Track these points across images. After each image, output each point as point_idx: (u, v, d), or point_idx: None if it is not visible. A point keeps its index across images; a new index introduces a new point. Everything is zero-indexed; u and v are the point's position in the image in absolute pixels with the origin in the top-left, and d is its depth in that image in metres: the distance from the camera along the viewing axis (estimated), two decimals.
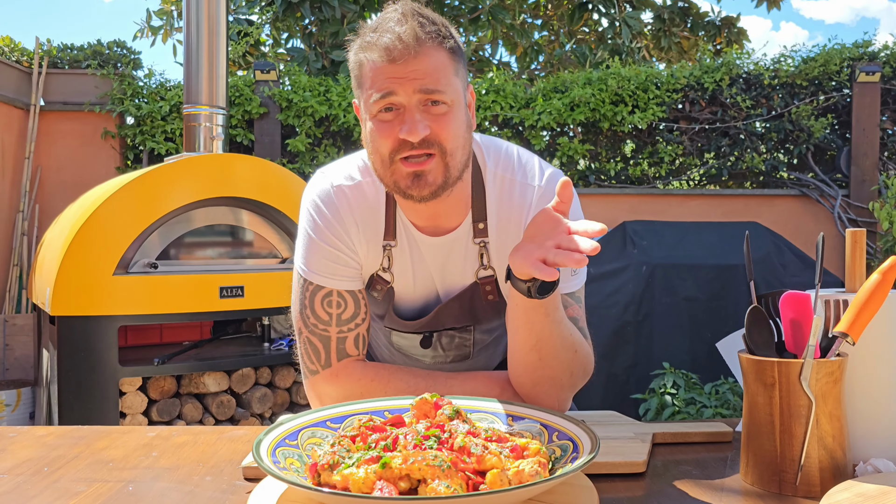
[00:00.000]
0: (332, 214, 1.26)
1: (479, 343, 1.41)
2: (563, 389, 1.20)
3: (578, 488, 0.87)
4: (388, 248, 1.28)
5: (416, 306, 1.35)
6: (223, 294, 3.04)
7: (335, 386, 1.24)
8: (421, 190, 1.15)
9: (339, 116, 4.99)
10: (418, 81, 1.11)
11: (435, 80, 1.12)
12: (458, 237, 1.28)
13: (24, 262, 4.74)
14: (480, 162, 1.29)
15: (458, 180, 1.19)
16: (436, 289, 1.33)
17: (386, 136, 1.14)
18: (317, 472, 0.81)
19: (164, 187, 2.99)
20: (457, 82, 1.16)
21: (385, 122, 1.14)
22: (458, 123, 1.16)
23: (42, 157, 4.98)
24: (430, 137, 1.13)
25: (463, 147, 1.18)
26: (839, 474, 0.90)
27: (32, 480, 0.97)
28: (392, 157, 1.14)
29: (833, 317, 0.99)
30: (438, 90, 1.12)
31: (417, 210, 1.26)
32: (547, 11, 8.19)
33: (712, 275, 4.06)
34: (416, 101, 1.12)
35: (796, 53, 5.44)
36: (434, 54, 1.13)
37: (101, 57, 5.15)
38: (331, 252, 1.25)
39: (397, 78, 1.12)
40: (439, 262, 1.30)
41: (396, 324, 1.37)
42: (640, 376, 3.97)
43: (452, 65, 1.16)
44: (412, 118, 1.12)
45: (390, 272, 1.30)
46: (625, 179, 5.37)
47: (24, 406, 4.01)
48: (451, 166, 1.15)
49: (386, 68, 1.12)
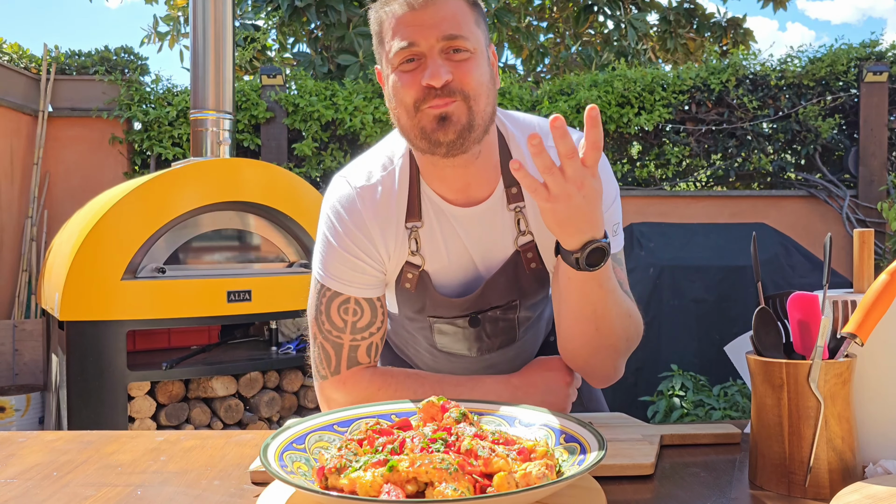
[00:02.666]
0: (354, 220, 1.23)
1: (523, 322, 1.36)
2: (619, 356, 1.19)
3: (586, 490, 0.87)
4: (415, 230, 1.25)
5: (456, 284, 1.31)
6: (231, 298, 3.05)
7: (342, 393, 1.24)
8: (447, 133, 1.13)
9: (346, 120, 5.00)
10: (439, 28, 1.11)
11: (456, 25, 1.12)
12: (492, 205, 1.25)
13: (32, 268, 4.77)
14: (504, 131, 1.28)
15: (483, 131, 1.17)
16: (474, 264, 1.29)
17: (409, 86, 1.13)
18: (324, 476, 0.81)
19: (172, 192, 3.01)
20: (478, 32, 1.16)
21: (407, 72, 1.14)
22: (481, 71, 1.15)
23: (50, 163, 5.01)
24: (453, 84, 1.12)
25: (486, 95, 1.16)
26: (848, 476, 0.90)
27: (42, 485, 0.98)
28: (417, 107, 1.13)
29: (841, 317, 0.98)
30: (461, 35, 1.12)
31: (447, 180, 1.23)
32: (552, 14, 8.19)
33: (720, 276, 4.05)
34: (439, 49, 1.12)
35: (803, 54, 5.43)
36: (453, 2, 1.13)
37: (109, 63, 5.17)
38: (350, 259, 1.23)
39: (418, 26, 1.11)
40: (475, 235, 1.26)
41: (439, 307, 1.31)
42: (648, 378, 3.96)
43: (473, 15, 1.16)
44: (435, 63, 1.11)
45: (419, 255, 1.26)
46: (631, 181, 5.36)
47: (33, 411, 4.03)
48: (474, 111, 1.14)
49: (406, 17, 1.12)
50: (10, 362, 4.41)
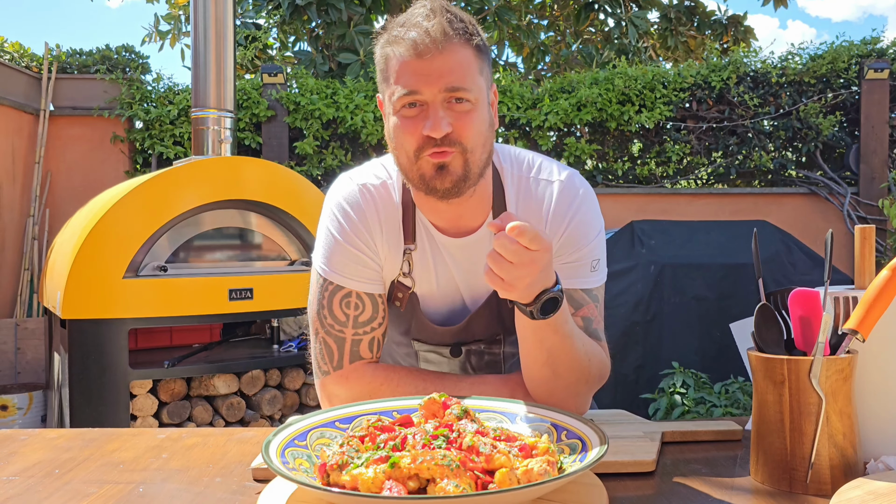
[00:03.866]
0: (358, 216, 1.26)
1: (508, 358, 1.38)
2: (578, 396, 1.20)
3: (588, 487, 0.87)
4: (408, 251, 1.28)
5: (443, 312, 1.34)
6: (232, 296, 3.05)
7: (344, 388, 1.24)
8: (443, 181, 1.15)
9: (347, 119, 5.00)
10: (444, 79, 1.12)
11: (460, 77, 1.13)
12: (481, 237, 1.28)
13: (34, 267, 4.77)
14: (498, 164, 1.30)
15: (479, 177, 1.19)
16: (460, 293, 1.32)
17: (410, 133, 1.15)
18: (326, 473, 0.81)
19: (173, 191, 3.01)
20: (481, 81, 1.17)
21: (409, 118, 1.15)
22: (480, 122, 1.17)
23: (52, 162, 5.01)
24: (452, 136, 1.14)
25: (483, 145, 1.18)
26: (850, 472, 0.90)
27: (44, 483, 0.98)
28: (417, 154, 1.15)
29: (843, 314, 0.98)
30: (463, 88, 1.13)
31: (439, 211, 1.26)
32: (553, 12, 8.18)
33: (721, 274, 4.04)
34: (441, 99, 1.13)
35: (804, 51, 5.42)
36: (460, 51, 1.14)
37: (110, 62, 5.17)
38: (354, 253, 1.25)
39: (423, 75, 1.12)
40: (463, 265, 1.29)
41: (425, 332, 1.34)
42: (650, 376, 3.96)
43: (478, 63, 1.17)
44: (436, 115, 1.12)
45: (410, 277, 1.29)
46: (632, 179, 5.36)
47: (35, 409, 4.03)
48: (470, 162, 1.16)
49: (412, 63, 1.13)
50: (12, 361, 4.41)
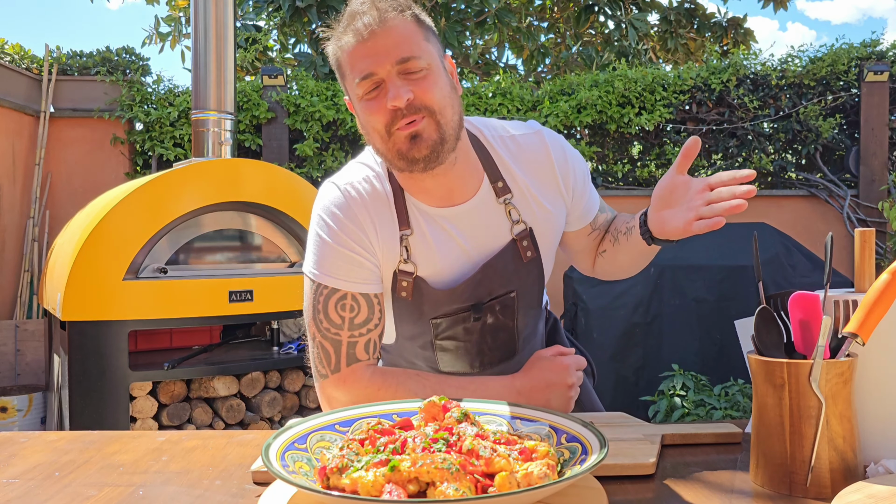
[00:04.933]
0: (347, 216, 1.27)
1: (521, 331, 1.39)
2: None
3: (587, 490, 0.87)
4: (405, 237, 1.29)
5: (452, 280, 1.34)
6: (232, 298, 3.05)
7: (343, 391, 1.24)
8: (420, 149, 1.19)
9: (347, 120, 5.00)
10: (391, 53, 1.17)
11: (407, 47, 1.18)
12: (482, 200, 1.30)
13: (34, 268, 4.77)
14: (474, 131, 1.34)
15: (455, 140, 1.23)
16: (470, 257, 1.32)
17: (377, 112, 1.19)
18: (326, 476, 0.81)
19: (173, 192, 3.01)
20: (428, 47, 1.21)
21: (372, 99, 1.20)
22: (440, 84, 1.21)
23: (52, 164, 5.01)
24: (416, 101, 1.18)
25: (451, 105, 1.22)
26: (850, 475, 0.90)
27: (43, 485, 0.98)
28: (389, 130, 1.19)
29: (842, 317, 0.98)
30: (412, 56, 1.18)
31: (429, 190, 1.28)
32: (553, 14, 8.19)
33: (721, 276, 4.04)
34: (396, 72, 1.18)
35: (804, 53, 5.43)
36: (399, 24, 1.19)
37: (110, 63, 5.18)
38: (345, 254, 1.25)
39: (372, 56, 1.17)
40: (469, 230, 1.30)
41: (440, 304, 1.32)
42: (649, 378, 3.96)
43: (420, 31, 1.21)
44: (395, 86, 1.17)
45: (411, 262, 1.30)
46: (632, 181, 5.36)
47: (35, 411, 4.03)
48: (441, 124, 1.20)
49: (359, 48, 1.19)
50: (12, 362, 4.41)
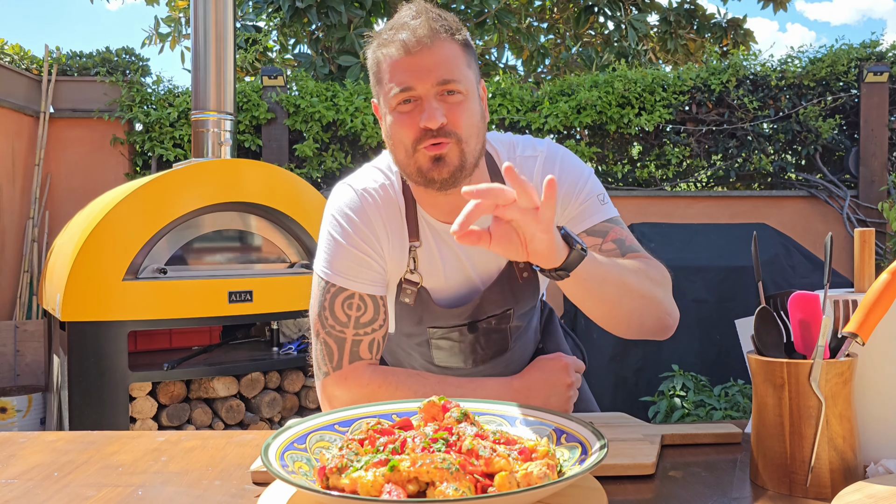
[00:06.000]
0: (362, 219, 1.29)
1: (514, 332, 1.42)
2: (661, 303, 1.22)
3: (587, 490, 0.87)
4: (413, 248, 1.31)
5: (454, 298, 1.37)
6: (232, 299, 3.05)
7: (343, 389, 1.25)
8: (441, 172, 1.20)
9: (347, 121, 5.00)
10: (434, 73, 1.18)
11: (450, 70, 1.19)
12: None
13: (34, 269, 4.77)
14: (491, 150, 1.36)
15: (474, 167, 1.24)
16: (471, 278, 1.35)
17: (408, 127, 1.20)
18: (325, 476, 0.81)
19: (173, 193, 3.01)
20: (469, 73, 1.23)
21: (405, 113, 1.21)
22: (472, 113, 1.22)
23: (52, 164, 5.01)
24: (447, 126, 1.19)
25: (477, 135, 1.23)
26: (850, 476, 0.89)
27: (43, 485, 0.98)
28: (415, 147, 1.20)
29: (842, 317, 0.98)
30: (454, 80, 1.19)
31: (440, 205, 1.29)
32: (553, 15, 8.19)
33: (721, 276, 4.04)
34: (434, 92, 1.18)
35: (803, 54, 5.43)
36: (447, 46, 1.20)
37: (110, 64, 5.18)
38: (357, 255, 1.28)
39: (414, 70, 1.18)
40: (472, 250, 1.32)
41: (438, 319, 1.36)
42: (649, 379, 3.96)
43: (465, 57, 1.22)
44: (430, 107, 1.18)
45: (417, 273, 1.32)
46: (632, 182, 5.36)
47: (34, 411, 4.03)
48: (465, 152, 1.21)
49: (403, 61, 1.19)
50: (11, 363, 4.41)
